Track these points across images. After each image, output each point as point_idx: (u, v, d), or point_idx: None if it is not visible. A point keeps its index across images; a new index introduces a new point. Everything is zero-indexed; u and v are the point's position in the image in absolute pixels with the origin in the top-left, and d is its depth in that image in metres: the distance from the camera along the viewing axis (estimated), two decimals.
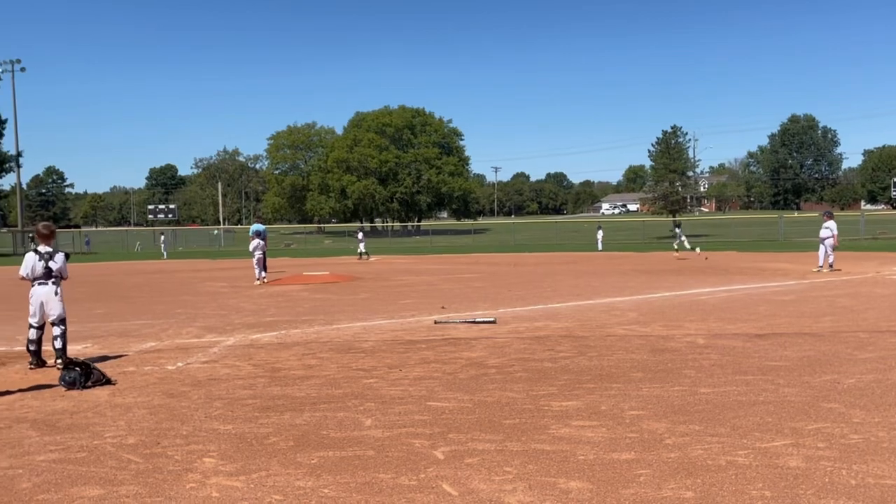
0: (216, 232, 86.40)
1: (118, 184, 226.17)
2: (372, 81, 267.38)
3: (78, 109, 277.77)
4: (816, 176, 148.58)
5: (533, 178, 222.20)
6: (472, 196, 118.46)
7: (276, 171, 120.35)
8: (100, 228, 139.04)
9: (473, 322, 12.05)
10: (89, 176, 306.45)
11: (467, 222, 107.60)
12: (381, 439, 5.58)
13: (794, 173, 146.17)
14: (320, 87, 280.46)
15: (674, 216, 73.74)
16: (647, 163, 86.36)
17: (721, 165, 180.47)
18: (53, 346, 8.63)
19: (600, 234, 49.01)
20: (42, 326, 8.75)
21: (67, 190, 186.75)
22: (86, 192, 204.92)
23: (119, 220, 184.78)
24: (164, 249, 50.77)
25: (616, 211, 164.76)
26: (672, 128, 75.49)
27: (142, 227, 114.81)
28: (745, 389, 6.94)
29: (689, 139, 78.09)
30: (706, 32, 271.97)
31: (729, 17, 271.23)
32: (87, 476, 4.89)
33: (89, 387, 7.58)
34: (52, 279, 8.70)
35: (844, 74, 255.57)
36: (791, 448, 5.14)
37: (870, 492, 4.32)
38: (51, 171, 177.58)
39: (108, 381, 7.79)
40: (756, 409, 6.19)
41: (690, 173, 79.00)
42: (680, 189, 75.20)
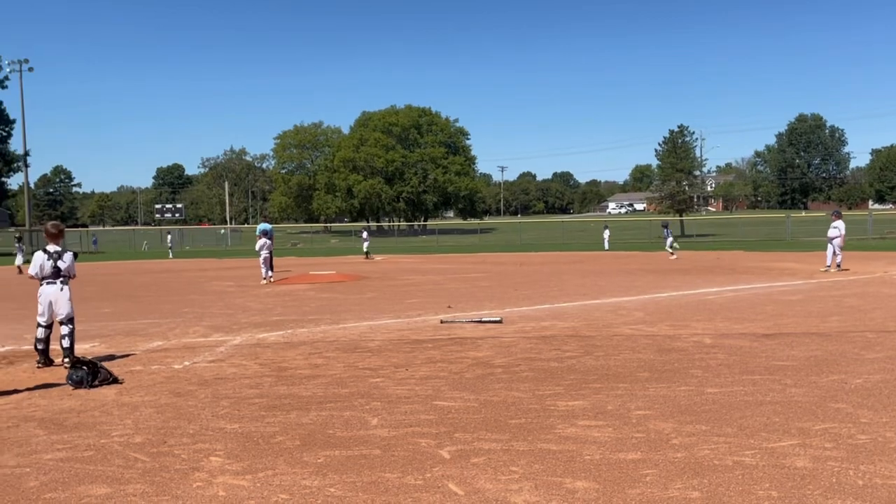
0: (223, 231, 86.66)
1: (125, 183, 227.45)
2: (378, 81, 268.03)
3: (85, 109, 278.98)
4: (824, 175, 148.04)
5: (539, 178, 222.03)
6: (478, 195, 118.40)
7: (283, 171, 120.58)
8: (107, 228, 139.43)
9: (480, 321, 12.05)
10: (97, 175, 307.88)
11: (473, 222, 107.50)
12: (388, 438, 5.58)
13: (802, 173, 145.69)
14: (326, 86, 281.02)
15: (680, 215, 73.68)
16: (654, 162, 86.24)
17: (728, 165, 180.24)
18: (61, 345, 8.67)
19: (607, 233, 48.96)
20: (50, 325, 8.78)
21: (75, 189, 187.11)
22: (93, 192, 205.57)
23: (126, 219, 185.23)
24: (170, 249, 50.91)
25: (622, 210, 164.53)
26: (679, 127, 75.41)
27: (149, 227, 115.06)
28: (752, 389, 6.92)
29: (696, 138, 78.40)
30: (714, 32, 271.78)
31: (736, 17, 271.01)
32: (95, 475, 4.90)
33: (96, 386, 7.60)
34: (60, 278, 8.74)
35: (852, 73, 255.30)
36: (798, 448, 5.13)
37: (877, 492, 4.31)
38: (58, 170, 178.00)
39: (116, 380, 7.82)
40: (763, 409, 6.17)
41: (697, 172, 78.80)
42: (687, 188, 75.06)
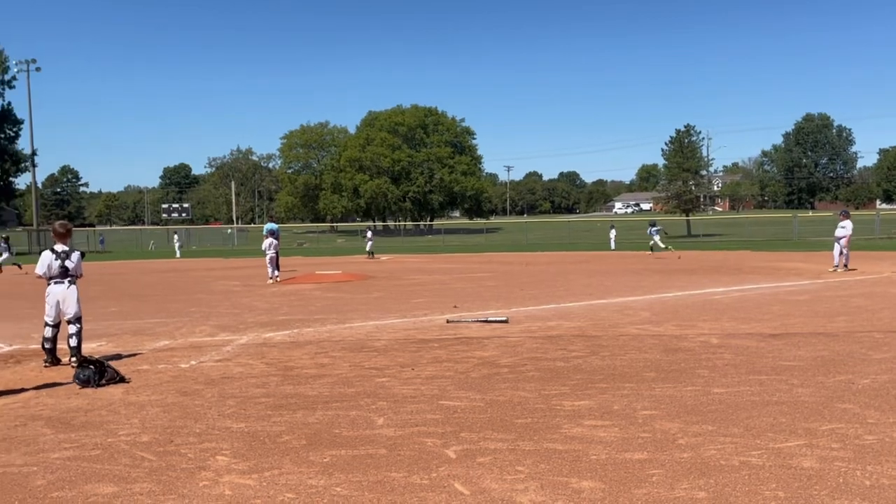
0: (229, 231, 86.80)
1: (132, 183, 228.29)
2: (385, 81, 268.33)
3: (92, 109, 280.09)
4: (831, 175, 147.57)
5: (545, 178, 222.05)
6: (484, 195, 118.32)
7: (289, 171, 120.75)
8: (114, 227, 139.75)
9: (486, 321, 12.05)
10: (104, 175, 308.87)
11: (480, 221, 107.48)
12: (394, 438, 5.59)
13: (809, 172, 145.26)
14: (332, 86, 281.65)
15: (687, 215, 73.53)
16: (661, 162, 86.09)
17: (735, 164, 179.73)
18: (68, 345, 8.70)
19: (613, 233, 48.82)
20: (58, 325, 8.81)
21: (82, 189, 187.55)
22: (100, 192, 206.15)
23: (133, 219, 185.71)
24: (177, 248, 51.00)
25: (629, 210, 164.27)
26: (685, 127, 75.28)
27: (156, 227, 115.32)
28: (759, 389, 6.91)
29: (703, 138, 78.00)
30: (721, 31, 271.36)
31: (743, 16, 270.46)
32: (101, 473, 4.92)
33: (103, 385, 7.62)
34: (68, 278, 8.77)
35: (859, 73, 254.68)
36: (805, 448, 5.11)
37: (884, 493, 4.29)
38: (65, 170, 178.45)
39: (123, 380, 7.84)
40: (770, 410, 6.16)
41: (704, 172, 78.72)
42: (693, 188, 74.89)
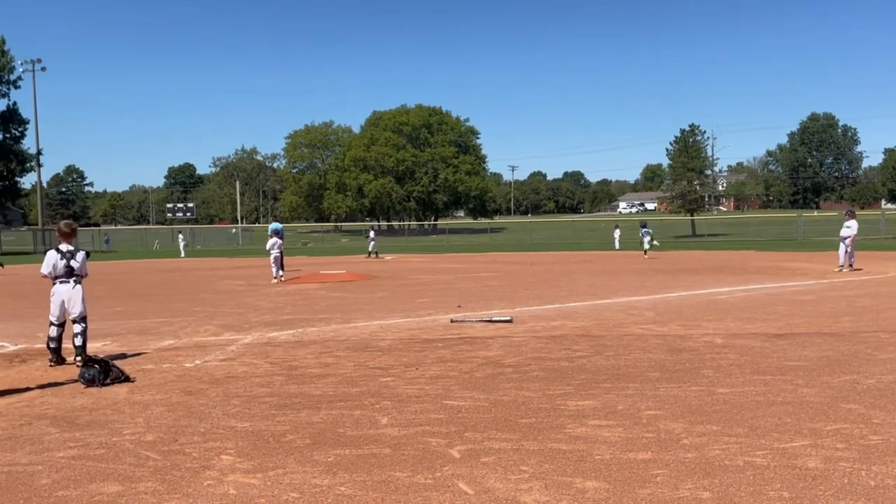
0: (234, 230, 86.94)
1: (137, 182, 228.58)
2: (390, 80, 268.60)
3: (98, 108, 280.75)
4: (836, 175, 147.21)
5: (550, 177, 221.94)
6: (488, 195, 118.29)
7: (294, 170, 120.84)
8: (119, 227, 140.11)
9: (490, 321, 12.05)
10: (109, 175, 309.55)
11: (484, 221, 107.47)
12: (398, 438, 5.59)
13: (814, 172, 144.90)
14: (337, 86, 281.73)
15: (692, 214, 73.43)
16: (665, 161, 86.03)
17: (739, 164, 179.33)
18: (73, 344, 8.72)
19: (617, 232, 48.79)
20: (63, 324, 8.83)
21: (87, 189, 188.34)
22: (105, 191, 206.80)
23: (138, 218, 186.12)
24: (182, 248, 51.08)
25: (633, 210, 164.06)
26: (690, 126, 75.19)
27: (161, 226, 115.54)
28: (764, 389, 6.89)
29: (708, 138, 77.79)
30: (726, 31, 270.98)
31: (748, 16, 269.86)
32: (106, 472, 4.93)
33: (108, 384, 7.64)
34: (73, 277, 8.78)
35: (865, 72, 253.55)
36: (810, 449, 5.10)
37: (889, 493, 4.28)
38: (71, 169, 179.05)
39: (127, 379, 7.85)
40: (774, 410, 6.14)
41: (709, 172, 78.54)
42: (698, 188, 74.81)
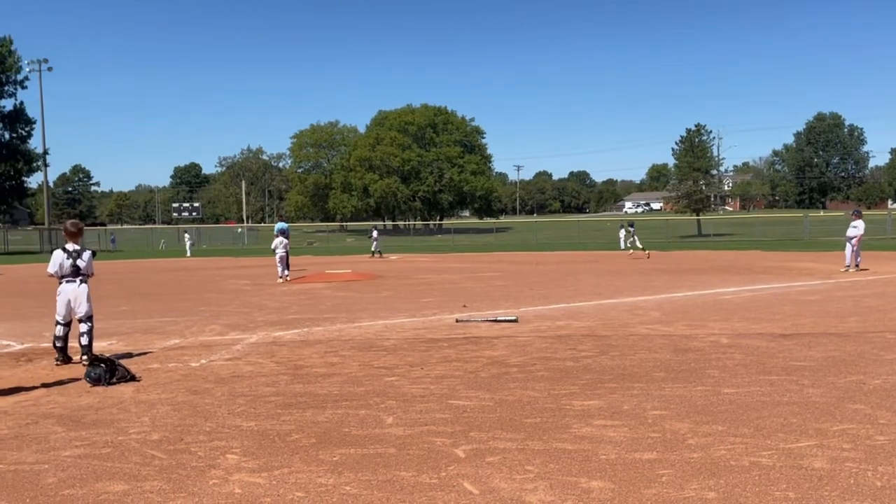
0: (239, 230, 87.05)
1: (143, 182, 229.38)
2: (395, 80, 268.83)
3: (104, 108, 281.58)
4: (842, 174, 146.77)
5: (555, 177, 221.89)
6: (494, 195, 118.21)
7: (300, 170, 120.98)
8: (125, 226, 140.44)
9: (495, 321, 12.04)
10: (115, 174, 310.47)
11: (489, 221, 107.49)
12: (403, 437, 5.59)
13: (820, 172, 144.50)
14: (343, 85, 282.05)
15: (697, 214, 73.31)
16: (671, 161, 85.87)
17: (745, 164, 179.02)
18: (80, 343, 8.74)
19: (623, 232, 48.71)
20: (69, 323, 8.85)
21: (93, 188, 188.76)
22: (111, 191, 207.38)
23: (144, 218, 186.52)
24: (188, 247, 51.16)
25: (639, 210, 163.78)
26: (696, 126, 75.08)
27: (166, 226, 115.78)
28: (770, 390, 6.87)
29: (714, 137, 77.57)
30: (732, 30, 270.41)
31: (754, 15, 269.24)
32: (112, 471, 4.94)
33: (114, 383, 7.66)
34: (79, 277, 8.81)
35: (871, 72, 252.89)
36: (816, 449, 5.09)
37: (895, 494, 4.27)
38: (77, 169, 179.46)
39: (133, 378, 7.87)
40: (780, 410, 6.13)
41: (714, 172, 78.43)
42: (704, 188, 74.68)
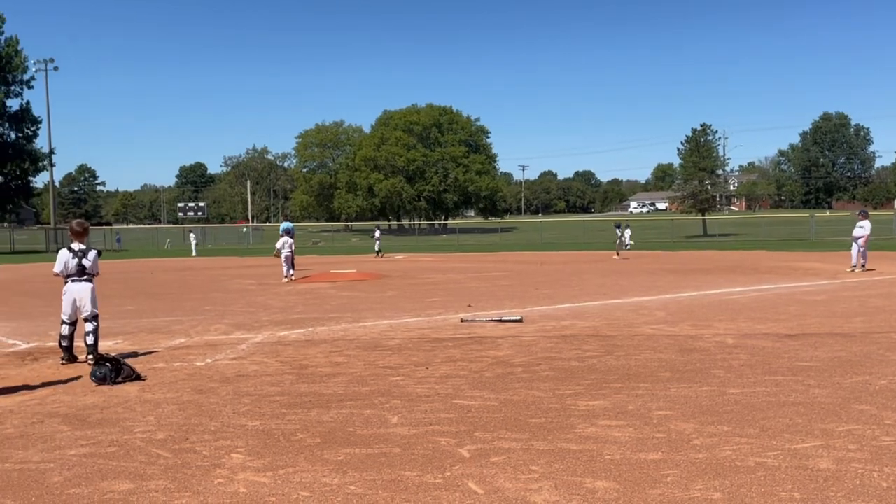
0: (245, 230, 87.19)
1: (149, 182, 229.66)
2: (400, 80, 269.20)
3: (109, 107, 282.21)
4: (849, 174, 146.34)
5: (560, 177, 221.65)
6: (499, 194, 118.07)
7: (305, 170, 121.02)
8: (131, 226, 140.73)
9: (500, 321, 12.04)
10: (120, 174, 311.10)
11: (494, 221, 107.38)
12: (407, 437, 5.59)
13: (826, 172, 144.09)
14: (348, 85, 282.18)
15: (703, 214, 73.18)
16: (676, 161, 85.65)
17: (751, 164, 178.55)
18: (85, 342, 8.76)
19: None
20: (74, 322, 8.87)
21: (99, 188, 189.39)
22: (117, 190, 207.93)
23: (150, 217, 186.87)
24: (193, 247, 51.22)
25: (644, 209, 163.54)
26: (702, 126, 74.88)
27: (172, 225, 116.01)
28: (775, 390, 6.86)
29: (719, 137, 77.52)
30: (738, 30, 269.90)
31: (760, 15, 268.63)
32: (117, 470, 4.95)
33: (120, 382, 7.67)
34: (85, 276, 8.82)
35: (878, 72, 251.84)
36: (821, 450, 5.08)
37: None
38: (83, 169, 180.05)
39: (138, 377, 7.89)
40: (786, 410, 6.11)
41: (720, 171, 78.22)
42: (709, 187, 74.53)
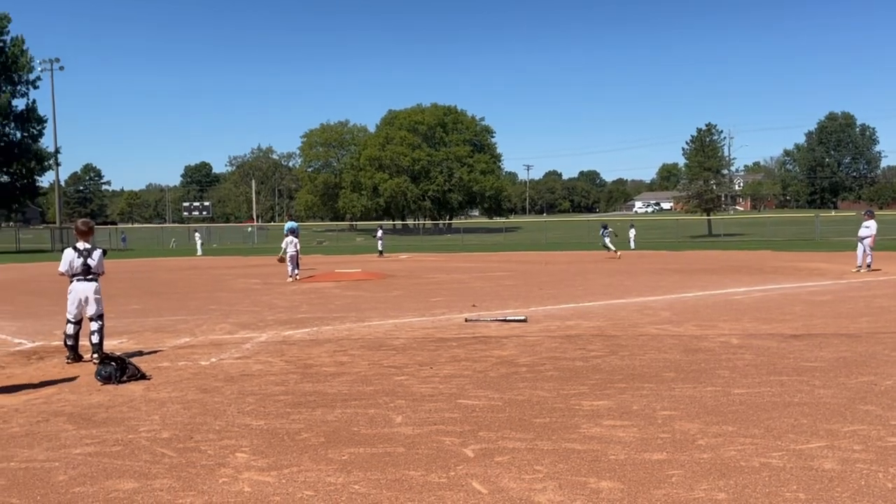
0: (249, 229, 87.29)
1: (154, 181, 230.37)
2: (405, 80, 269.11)
3: (115, 107, 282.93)
4: (854, 174, 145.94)
5: (565, 177, 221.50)
6: (503, 194, 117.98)
7: (309, 169, 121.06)
8: (136, 225, 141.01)
9: (504, 320, 12.03)
10: (126, 173, 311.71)
11: (499, 220, 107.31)
12: (412, 436, 5.59)
13: (832, 172, 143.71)
14: (352, 85, 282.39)
15: (708, 214, 73.07)
16: (682, 161, 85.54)
17: (756, 164, 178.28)
18: (90, 341, 8.77)
19: (632, 232, 48.61)
20: (80, 322, 8.89)
21: (104, 187, 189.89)
22: (122, 190, 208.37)
23: (155, 217, 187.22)
24: (199, 246, 51.28)
25: (649, 209, 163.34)
26: (707, 125, 74.73)
27: (177, 225, 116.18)
28: (780, 390, 6.85)
29: (724, 137, 77.27)
30: (743, 29, 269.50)
31: (765, 14, 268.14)
32: (122, 469, 4.96)
33: (125, 381, 7.69)
34: (90, 275, 8.84)
35: (883, 71, 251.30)
36: (826, 450, 5.06)
37: None
38: (88, 168, 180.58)
39: (143, 376, 7.90)
40: (791, 411, 6.10)
41: (725, 171, 78.08)
42: (714, 187, 74.39)
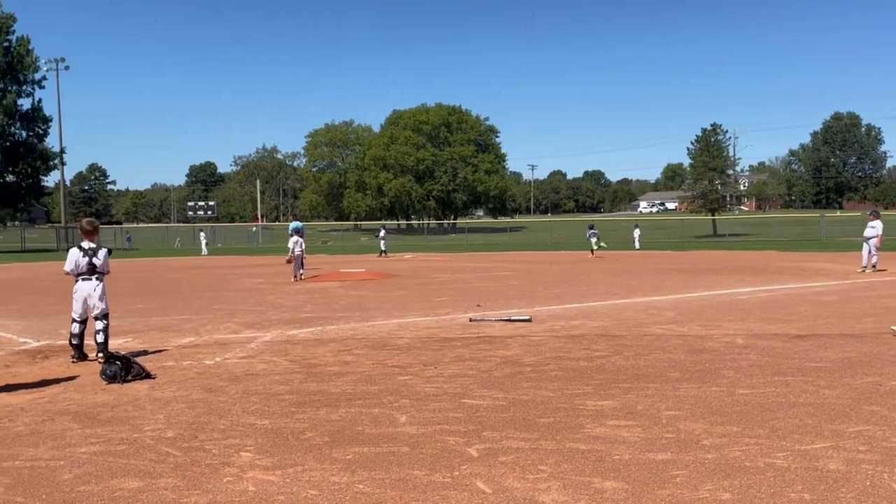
0: (254, 229, 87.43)
1: (159, 181, 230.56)
2: (410, 79, 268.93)
3: (120, 107, 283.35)
4: (859, 174, 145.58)
5: (570, 176, 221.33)
6: (508, 194, 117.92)
7: (314, 169, 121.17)
8: (141, 225, 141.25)
9: (509, 320, 12.03)
10: (131, 173, 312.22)
11: (503, 220, 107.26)
12: (416, 436, 5.59)
13: (837, 172, 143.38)
14: (357, 84, 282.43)
15: (713, 214, 72.96)
16: (686, 161, 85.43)
17: (761, 164, 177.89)
18: (95, 341, 8.79)
19: (637, 232, 48.57)
20: (85, 321, 8.91)
21: (109, 187, 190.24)
22: (127, 189, 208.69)
23: (159, 216, 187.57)
24: (204, 246, 51.34)
25: (654, 209, 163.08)
26: (712, 125, 74.60)
27: (182, 224, 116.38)
28: (785, 391, 6.83)
29: (729, 137, 77.24)
30: (748, 29, 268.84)
31: (770, 14, 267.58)
32: (127, 468, 4.97)
33: (129, 381, 7.70)
34: (95, 275, 8.86)
35: (889, 71, 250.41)
36: (831, 450, 5.05)
37: None
38: (93, 168, 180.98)
39: (148, 376, 7.92)
40: (796, 411, 6.09)
41: (730, 171, 77.94)
42: (719, 187, 74.27)
